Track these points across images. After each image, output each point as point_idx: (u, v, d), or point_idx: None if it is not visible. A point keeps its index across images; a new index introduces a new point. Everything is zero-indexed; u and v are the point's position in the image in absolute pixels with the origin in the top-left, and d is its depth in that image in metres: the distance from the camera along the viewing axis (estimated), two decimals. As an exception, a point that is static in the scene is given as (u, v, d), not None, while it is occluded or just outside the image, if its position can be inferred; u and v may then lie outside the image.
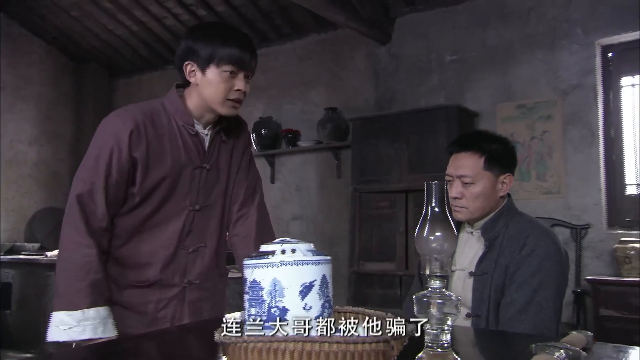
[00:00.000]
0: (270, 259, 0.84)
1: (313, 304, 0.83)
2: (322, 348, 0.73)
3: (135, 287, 1.48)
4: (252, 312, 0.84)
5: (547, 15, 3.74)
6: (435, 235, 0.91)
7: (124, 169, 1.43)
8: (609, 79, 3.63)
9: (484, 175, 1.58)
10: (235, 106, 1.48)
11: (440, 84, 4.14)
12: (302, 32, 4.91)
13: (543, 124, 3.69)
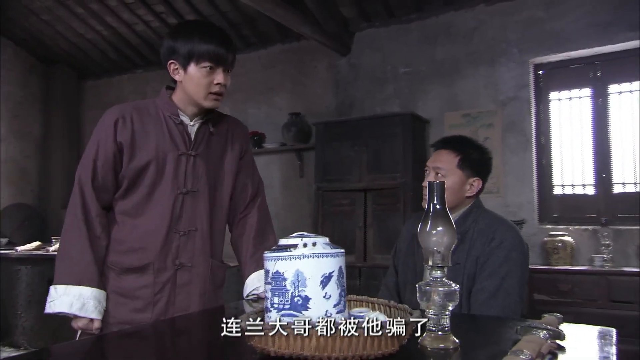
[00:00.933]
0: (293, 252, 0.90)
1: (332, 293, 0.90)
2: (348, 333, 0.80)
3: (131, 272, 1.49)
4: (274, 301, 0.90)
5: (487, 35, 3.97)
6: (437, 230, 0.97)
7: (109, 153, 1.49)
8: (540, 93, 3.88)
9: (455, 172, 1.67)
10: (217, 99, 1.52)
11: (395, 93, 4.30)
12: (268, 42, 4.97)
13: (485, 131, 3.90)
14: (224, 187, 1.62)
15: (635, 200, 3.52)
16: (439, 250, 0.99)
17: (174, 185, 1.52)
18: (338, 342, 0.82)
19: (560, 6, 3.72)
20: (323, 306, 0.89)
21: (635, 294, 3.05)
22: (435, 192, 1.01)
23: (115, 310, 1.49)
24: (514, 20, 3.87)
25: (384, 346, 0.85)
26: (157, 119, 1.54)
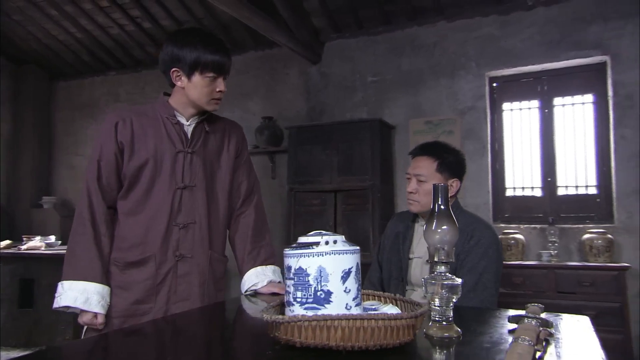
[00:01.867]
0: (316, 249, 0.91)
1: (351, 287, 0.92)
2: (369, 324, 0.83)
3: (134, 266, 1.49)
4: (297, 295, 0.91)
5: (449, 50, 4.09)
6: (442, 229, 1.01)
7: (111, 153, 1.49)
8: (494, 103, 4.04)
9: (435, 176, 1.73)
10: (217, 103, 1.55)
11: (363, 100, 4.37)
12: (241, 48, 4.94)
13: (446, 137, 4.01)
14: (221, 183, 1.62)
15: (576, 201, 3.72)
16: (443, 247, 1.03)
17: (172, 181, 1.53)
18: (361, 333, 0.85)
19: (513, 26, 3.88)
20: (343, 300, 0.91)
21: (578, 285, 3.22)
22: (439, 195, 1.04)
23: (119, 304, 1.48)
24: (472, 36, 4.00)
25: (401, 336, 0.88)
26: (155, 120, 1.55)
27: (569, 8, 3.73)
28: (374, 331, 0.85)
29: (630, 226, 3.43)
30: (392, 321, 0.85)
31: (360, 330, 0.85)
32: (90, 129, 5.67)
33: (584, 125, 3.78)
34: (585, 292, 3.18)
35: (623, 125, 3.53)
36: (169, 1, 4.52)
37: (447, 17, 4.09)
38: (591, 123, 3.76)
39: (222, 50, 1.51)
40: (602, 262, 3.30)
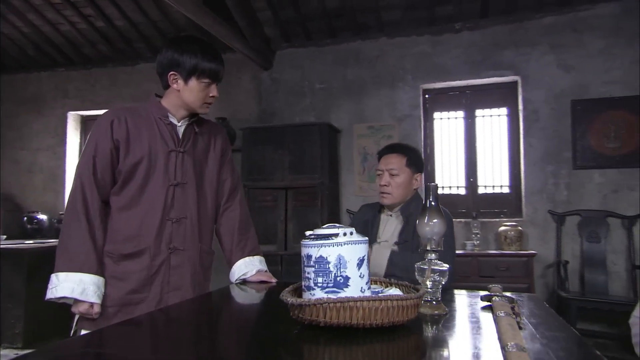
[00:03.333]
0: (335, 240, 0.96)
1: (364, 273, 0.98)
2: (385, 304, 0.91)
3: (129, 257, 1.47)
4: (318, 281, 0.96)
5: (388, 63, 4.27)
6: (433, 222, 1.10)
7: (107, 149, 1.47)
8: (427, 112, 4.28)
9: (405, 170, 1.84)
10: (208, 107, 1.56)
11: (311, 105, 4.44)
12: (195, 52, 4.81)
13: (385, 141, 4.19)
14: (209, 180, 1.63)
15: (493, 198, 4.05)
16: (434, 238, 1.12)
17: (165, 178, 1.52)
18: (378, 312, 0.92)
19: (443, 45, 4.14)
20: (359, 284, 0.98)
21: (496, 270, 3.52)
22: (430, 193, 1.14)
23: (114, 293, 1.45)
24: (409, 53, 4.21)
25: (408, 314, 0.96)
26: (148, 120, 1.53)
27: (489, 34, 4.04)
28: (389, 310, 0.93)
29: (536, 220, 3.80)
30: (402, 301, 0.94)
31: (378, 310, 0.92)
32: (37, 123, 5.27)
33: (499, 134, 4.12)
34: (502, 276, 3.48)
35: (530, 135, 3.89)
36: (124, 2, 4.31)
37: (388, 34, 4.27)
38: (505, 132, 4.10)
39: (218, 59, 1.53)
40: (514, 250, 3.63)
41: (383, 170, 1.88)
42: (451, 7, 4.00)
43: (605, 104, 3.72)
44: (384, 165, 1.88)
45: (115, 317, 1.43)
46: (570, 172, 3.76)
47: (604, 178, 3.69)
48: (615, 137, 3.69)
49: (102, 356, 0.82)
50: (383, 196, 1.86)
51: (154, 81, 5.17)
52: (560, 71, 3.84)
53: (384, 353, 0.87)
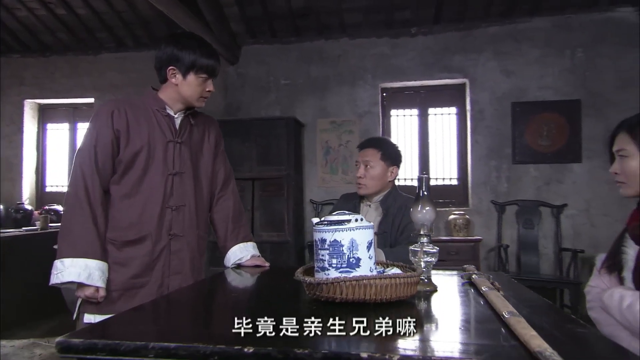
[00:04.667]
0: (348, 225, 1.03)
1: (372, 254, 1.06)
2: (394, 282, 0.99)
3: (131, 244, 1.47)
4: (333, 262, 1.03)
5: (350, 62, 4.36)
6: (425, 210, 1.20)
7: (108, 139, 1.47)
8: (385, 110, 4.43)
9: (380, 163, 1.90)
10: (204, 100, 1.58)
11: (277, 100, 4.45)
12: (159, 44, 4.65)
13: (347, 136, 4.30)
14: (204, 170, 1.64)
15: (444, 189, 4.28)
16: (425, 224, 1.22)
17: (165, 168, 1.53)
18: (388, 289, 1.01)
19: (400, 48, 4.29)
20: (368, 264, 1.06)
21: (447, 254, 3.74)
22: (423, 184, 1.25)
23: (117, 278, 1.46)
24: (369, 53, 4.32)
25: (411, 290, 1.05)
26: (146, 112, 1.53)
27: (441, 39, 4.23)
28: (396, 287, 1.01)
29: (480, 209, 4.07)
30: (407, 279, 1.03)
31: (388, 287, 1.00)
32: (-10, 110, 4.90)
33: (449, 131, 4.35)
34: (453, 259, 3.71)
35: (477, 133, 4.14)
36: (88, -9, 4.11)
37: (349, 35, 4.36)
38: (454, 130, 4.33)
39: (215, 56, 1.55)
40: (462, 236, 3.87)
41: (360, 162, 1.95)
42: (408, 12, 4.15)
43: (540, 107, 4.02)
44: (361, 158, 1.95)
45: (119, 301, 1.44)
46: (510, 166, 4.05)
47: (538, 172, 4.01)
48: (548, 136, 4.02)
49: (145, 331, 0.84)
50: (359, 186, 1.94)
51: (117, 71, 5.05)
52: (503, 76, 4.11)
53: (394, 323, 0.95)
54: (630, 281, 1.14)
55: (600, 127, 3.90)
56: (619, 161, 1.16)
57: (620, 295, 1.12)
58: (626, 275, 1.15)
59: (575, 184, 3.95)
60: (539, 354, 0.66)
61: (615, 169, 1.17)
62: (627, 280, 1.15)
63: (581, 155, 3.94)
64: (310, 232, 4.27)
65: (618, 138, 1.16)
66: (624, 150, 1.15)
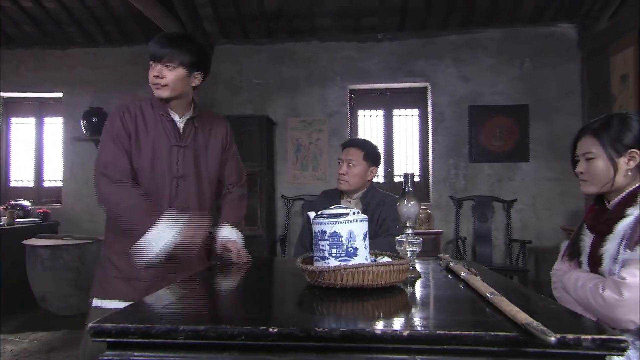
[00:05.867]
0: (346, 218, 1.09)
1: (367, 244, 1.12)
2: (388, 269, 1.06)
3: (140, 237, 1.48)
4: (333, 252, 1.09)
5: (320, 65, 4.42)
6: (411, 204, 1.28)
7: (123, 136, 1.48)
8: (353, 110, 4.52)
9: (361, 162, 1.96)
10: (158, 88, 1.49)
11: (249, 99, 4.44)
12: (132, 41, 4.53)
13: (317, 134, 4.36)
14: (207, 173, 1.62)
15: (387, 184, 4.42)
16: (410, 217, 1.30)
17: (169, 171, 1.53)
18: (384, 275, 1.07)
19: (367, 52, 4.39)
20: (364, 253, 1.12)
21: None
22: (408, 180, 1.32)
23: (124, 267, 1.49)
24: (338, 56, 4.40)
25: (402, 276, 1.13)
26: (154, 117, 1.54)
27: (405, 45, 4.37)
28: (390, 273, 1.08)
29: (440, 204, 4.25)
30: (399, 266, 1.10)
31: (383, 273, 1.07)
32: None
33: (412, 131, 4.50)
34: (415, 250, 3.85)
35: (437, 133, 4.32)
36: (57, -16, 3.92)
37: (320, 38, 4.41)
38: (417, 130, 4.49)
39: (163, 42, 1.48)
40: (424, 229, 4.03)
41: (343, 160, 2.00)
42: (375, 19, 4.25)
43: (493, 110, 4.25)
44: (344, 156, 2.00)
45: (123, 289, 1.47)
46: (467, 164, 4.25)
47: (491, 170, 4.24)
48: (500, 137, 4.25)
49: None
50: (341, 182, 1.99)
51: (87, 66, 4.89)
52: (461, 81, 4.30)
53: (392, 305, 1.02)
54: (586, 264, 1.27)
55: (544, 130, 4.17)
56: (585, 162, 1.26)
57: (576, 277, 1.25)
58: (583, 260, 1.28)
59: (523, 181, 4.20)
60: (527, 326, 0.74)
61: (581, 169, 1.26)
62: (583, 264, 1.28)
63: (529, 155, 4.20)
64: (282, 226, 4.31)
65: (583, 142, 1.27)
66: (590, 152, 1.24)
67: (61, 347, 3.04)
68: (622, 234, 1.17)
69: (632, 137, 1.21)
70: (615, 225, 1.18)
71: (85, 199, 4.48)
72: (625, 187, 1.23)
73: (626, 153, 1.21)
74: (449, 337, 0.75)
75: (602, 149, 1.22)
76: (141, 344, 0.77)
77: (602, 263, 1.18)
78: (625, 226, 1.17)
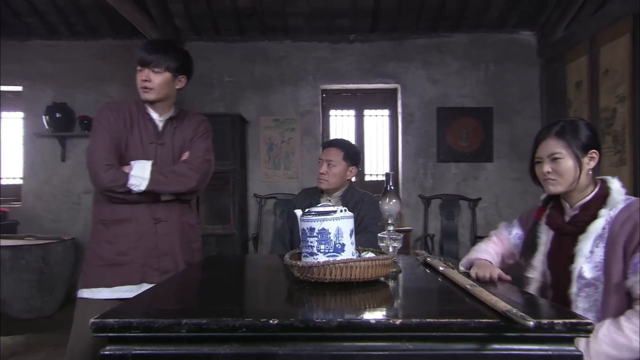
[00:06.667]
0: (334, 215, 1.14)
1: (353, 240, 1.17)
2: (374, 263, 1.11)
3: (118, 222, 1.55)
4: (321, 248, 1.13)
5: (292, 64, 4.44)
6: (392, 202, 1.34)
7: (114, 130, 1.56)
8: (325, 110, 4.57)
9: (341, 162, 2.02)
10: (145, 91, 1.59)
11: (221, 97, 4.40)
12: (97, 34, 4.38)
13: (289, 133, 4.38)
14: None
15: (376, 184, 4.53)
16: (391, 214, 1.37)
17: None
18: (370, 269, 1.13)
19: (339, 53, 4.45)
20: (351, 249, 1.18)
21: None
22: (389, 180, 1.39)
23: (105, 254, 1.55)
24: (311, 56, 4.44)
25: (386, 270, 1.19)
26: (138, 116, 1.62)
27: (376, 47, 4.47)
28: (376, 268, 1.14)
29: (410, 202, 4.37)
30: (384, 261, 1.16)
31: (369, 268, 1.13)
32: None
33: (382, 131, 4.61)
34: (386, 247, 3.96)
35: (407, 133, 4.44)
36: (19, -27, 3.75)
37: (292, 38, 4.44)
38: (387, 130, 4.60)
39: (150, 48, 1.60)
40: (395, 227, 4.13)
41: (323, 160, 2.05)
42: (347, 20, 4.32)
43: (459, 112, 4.42)
44: (325, 156, 2.06)
45: (105, 276, 1.53)
46: (435, 164, 4.40)
47: (458, 170, 4.41)
48: (466, 138, 4.42)
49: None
50: (321, 181, 2.05)
51: (48, 59, 4.76)
52: (429, 83, 4.44)
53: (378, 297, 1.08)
54: (543, 261, 1.37)
55: (507, 131, 4.38)
56: (551, 163, 1.33)
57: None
58: (537, 256, 1.38)
59: (487, 181, 4.40)
60: (508, 313, 0.82)
61: (548, 169, 1.33)
62: (538, 261, 1.37)
63: (492, 156, 4.40)
64: (254, 224, 4.31)
65: (546, 144, 1.34)
66: (559, 153, 1.31)
67: (24, 352, 2.93)
68: (595, 234, 1.25)
69: (589, 138, 1.31)
70: (587, 226, 1.27)
71: (48, 197, 4.31)
72: (585, 187, 1.33)
73: (587, 153, 1.31)
74: (437, 324, 0.81)
75: (570, 150, 1.30)
76: (143, 339, 0.78)
77: (574, 261, 1.27)
78: (598, 227, 1.25)
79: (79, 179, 4.30)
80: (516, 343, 0.83)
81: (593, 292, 1.23)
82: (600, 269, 1.22)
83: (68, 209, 4.31)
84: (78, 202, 4.29)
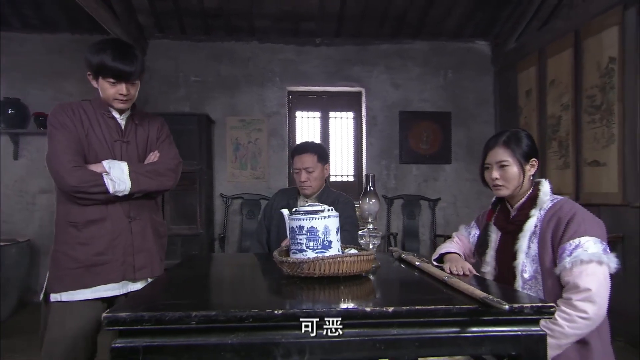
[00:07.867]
0: (322, 214, 1.20)
1: (339, 237, 1.24)
2: (359, 259, 1.19)
3: (92, 223, 1.52)
4: (310, 245, 1.20)
5: (259, 65, 4.47)
6: (372, 202, 1.42)
7: (72, 127, 1.52)
8: (291, 111, 4.63)
9: (317, 166, 2.07)
10: (122, 102, 1.55)
11: (186, 96, 4.35)
12: (53, 28, 4.20)
13: (256, 134, 4.40)
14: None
15: (342, 184, 4.64)
16: (371, 213, 1.46)
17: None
18: (355, 264, 1.21)
19: (306, 55, 4.53)
20: (337, 246, 1.25)
21: (346, 242, 4.10)
22: (370, 181, 1.47)
23: (80, 256, 1.51)
24: (277, 58, 4.48)
25: (369, 266, 1.27)
26: (96, 116, 1.59)
27: (341, 51, 4.58)
28: (360, 263, 1.22)
29: (373, 202, 4.52)
30: (367, 257, 1.24)
31: (355, 263, 1.21)
32: None
33: (347, 133, 4.73)
34: (351, 246, 4.07)
35: (371, 136, 4.59)
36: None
37: (259, 39, 4.46)
38: (352, 132, 4.73)
39: (126, 60, 1.51)
40: (359, 225, 4.26)
41: (300, 169, 2.08)
42: (313, 24, 4.41)
43: (420, 116, 4.62)
44: (301, 165, 2.08)
45: (83, 277, 1.50)
46: (397, 165, 4.58)
47: (419, 171, 4.61)
48: (427, 141, 4.64)
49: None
50: (304, 189, 2.09)
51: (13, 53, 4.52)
52: (392, 88, 4.61)
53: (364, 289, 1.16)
54: (493, 258, 1.51)
55: (464, 135, 4.63)
56: (499, 170, 1.46)
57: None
58: (488, 253, 1.52)
59: (446, 182, 4.63)
60: (485, 299, 0.92)
61: (497, 175, 1.46)
62: (489, 257, 1.51)
63: (451, 158, 4.63)
64: (220, 224, 4.29)
65: (495, 152, 1.47)
66: (505, 161, 1.44)
67: (-23, 360, 2.77)
68: (530, 232, 1.40)
69: (530, 147, 1.47)
70: (523, 225, 1.42)
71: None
72: (525, 191, 1.47)
73: (529, 161, 1.46)
74: (425, 311, 0.91)
75: (515, 158, 1.44)
76: (153, 331, 0.82)
77: (517, 257, 1.41)
78: (531, 225, 1.40)
79: (34, 178, 4.11)
80: (491, 326, 0.94)
81: (534, 284, 1.38)
82: (536, 262, 1.37)
83: (21, 209, 4.10)
84: (32, 202, 4.09)
